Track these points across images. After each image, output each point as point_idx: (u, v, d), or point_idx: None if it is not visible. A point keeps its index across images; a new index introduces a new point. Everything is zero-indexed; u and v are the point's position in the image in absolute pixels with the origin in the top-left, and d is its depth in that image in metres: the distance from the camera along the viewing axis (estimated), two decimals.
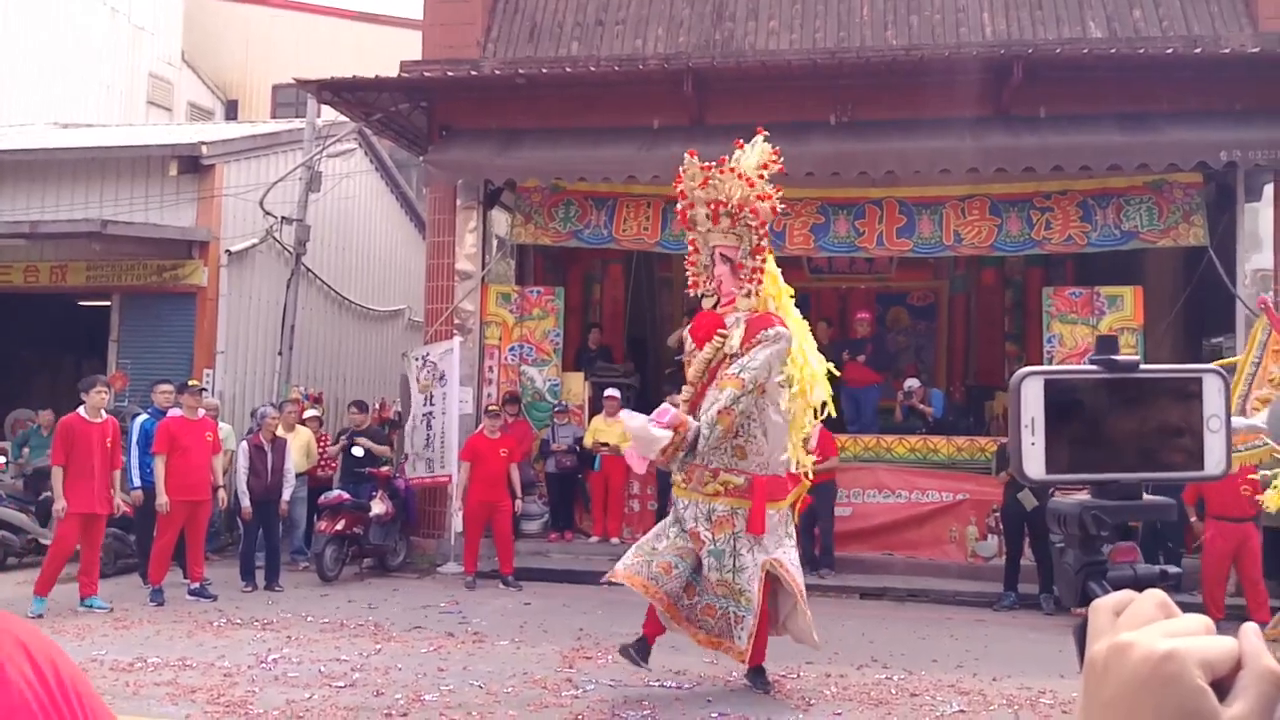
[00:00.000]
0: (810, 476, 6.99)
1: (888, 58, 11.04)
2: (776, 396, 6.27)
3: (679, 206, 6.41)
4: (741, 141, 6.45)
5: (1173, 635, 0.69)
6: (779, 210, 6.42)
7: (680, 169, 6.34)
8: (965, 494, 11.14)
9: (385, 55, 14.80)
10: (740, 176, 6.18)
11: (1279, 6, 10.99)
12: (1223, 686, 0.66)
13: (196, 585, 9.56)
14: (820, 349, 12.76)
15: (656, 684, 6.69)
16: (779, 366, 6.22)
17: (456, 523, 11.00)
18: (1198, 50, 10.76)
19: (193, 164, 13.58)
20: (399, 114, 12.40)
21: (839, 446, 11.23)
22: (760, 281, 6.35)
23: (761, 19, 12.03)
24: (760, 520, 6.17)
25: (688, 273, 6.53)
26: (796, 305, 6.98)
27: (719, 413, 6.02)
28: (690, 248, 6.47)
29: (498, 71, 11.82)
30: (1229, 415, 0.91)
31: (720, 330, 6.24)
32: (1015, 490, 9.64)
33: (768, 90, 11.30)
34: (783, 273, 6.82)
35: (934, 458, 11.56)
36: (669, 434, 5.98)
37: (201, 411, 9.90)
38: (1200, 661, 0.66)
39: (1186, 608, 0.72)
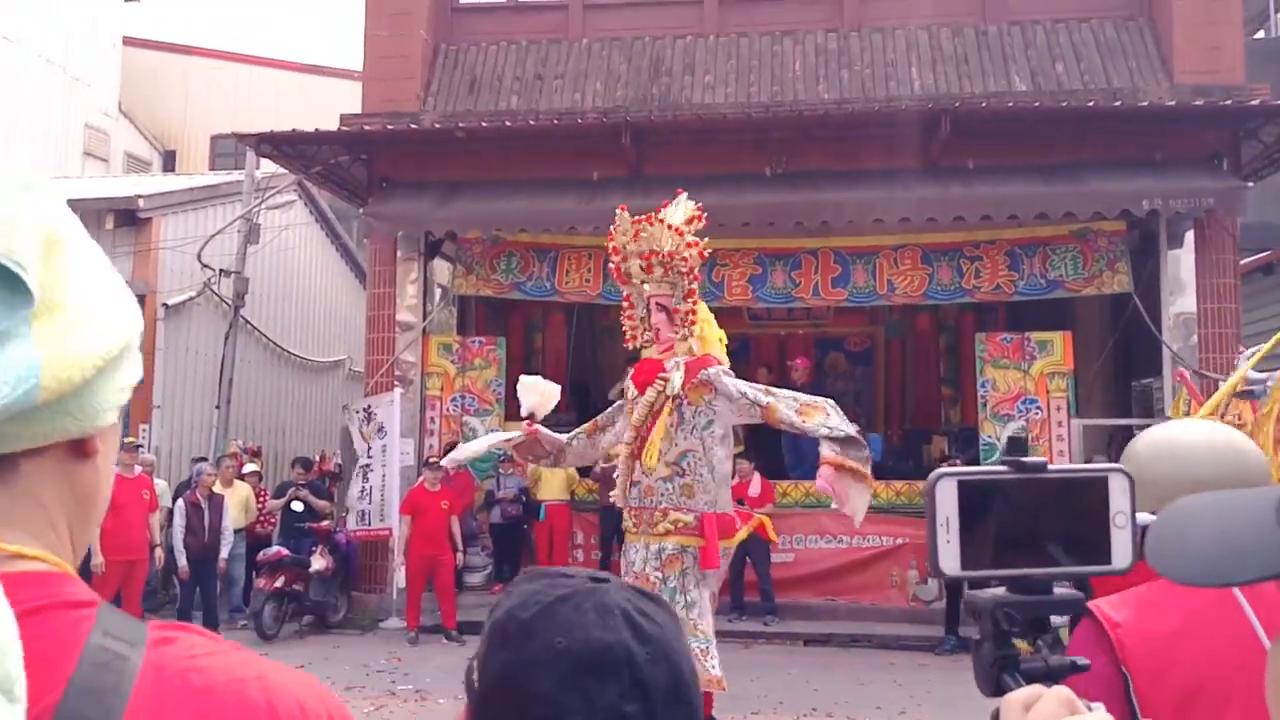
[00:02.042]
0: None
1: (820, 111, 11.30)
2: (722, 436, 6.37)
3: (612, 262, 6.53)
4: (683, 189, 6.61)
5: None
6: (707, 255, 6.54)
7: (612, 226, 6.47)
8: (905, 538, 11.27)
9: (325, 105, 14.82)
10: (670, 227, 6.33)
11: (1192, 61, 11.43)
12: None
13: None
14: None
15: None
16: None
17: (398, 577, 10.89)
18: (1117, 103, 11.14)
19: (129, 217, 13.43)
20: (339, 166, 12.40)
21: (780, 492, 11.35)
22: (693, 323, 6.43)
23: (697, 74, 12.26)
24: (714, 555, 6.24)
25: (624, 327, 6.61)
26: (735, 352, 7.11)
27: (810, 407, 6.09)
28: (625, 303, 6.58)
29: (438, 125, 11.89)
30: (1134, 512, 0.97)
31: (661, 374, 6.33)
32: None
33: (704, 143, 11.50)
34: (722, 320, 6.94)
35: (873, 502, 11.57)
36: (864, 477, 5.98)
37: (138, 469, 9.75)
38: None
39: None
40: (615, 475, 6.54)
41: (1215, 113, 10.90)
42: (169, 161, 22.01)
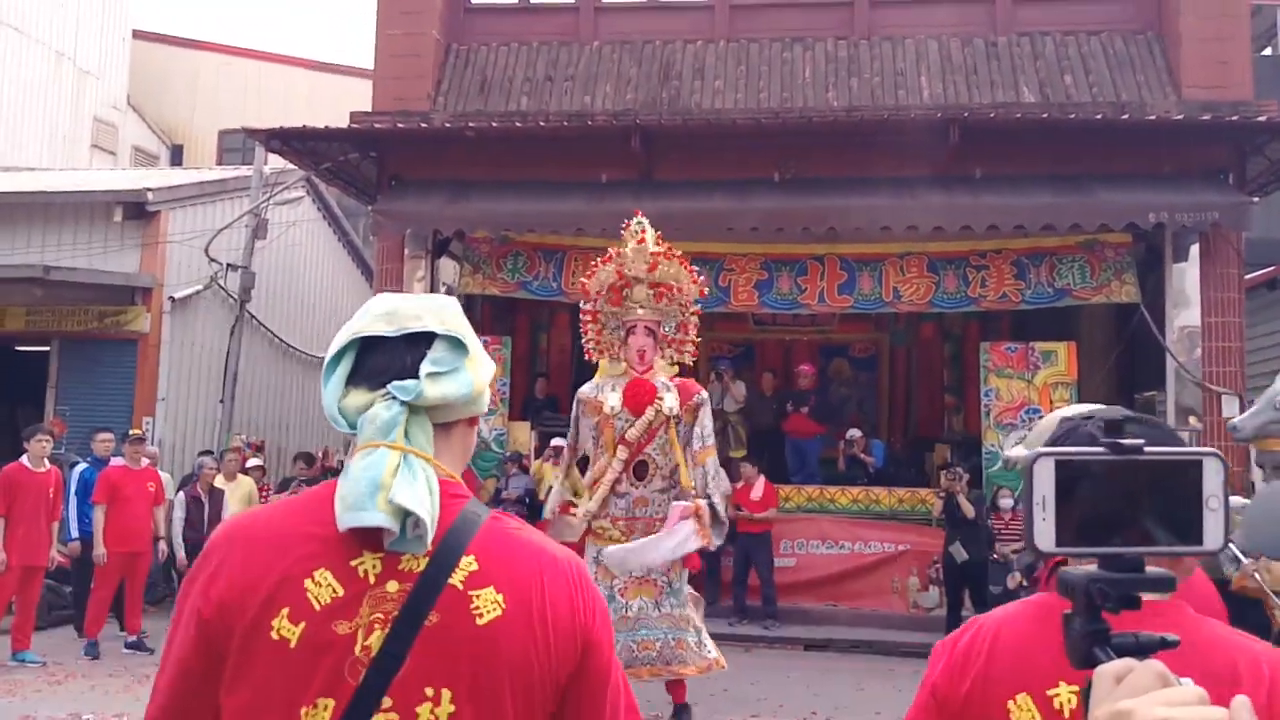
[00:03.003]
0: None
1: (829, 118, 11.33)
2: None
3: (612, 283, 6.89)
4: (645, 231, 6.95)
5: (1169, 705, 0.77)
6: (707, 293, 7.02)
7: (620, 250, 6.83)
8: (907, 545, 11.29)
9: (334, 102, 14.85)
10: (686, 267, 6.86)
11: (1201, 76, 11.45)
12: None
13: (133, 638, 9.36)
14: (765, 400, 13.11)
15: None
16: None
17: None
18: (1125, 116, 11.17)
19: (138, 210, 13.48)
20: (348, 164, 12.43)
21: (782, 497, 11.38)
22: (695, 352, 7.07)
23: (708, 78, 12.29)
24: (696, 557, 7.04)
25: (585, 342, 7.08)
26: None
27: (716, 480, 6.96)
28: (588, 318, 7.03)
29: (448, 124, 11.92)
30: (1227, 495, 1.00)
31: (657, 396, 6.84)
32: (948, 543, 9.91)
33: (713, 147, 11.54)
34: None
35: (876, 508, 11.71)
36: (696, 537, 6.59)
37: (145, 461, 9.79)
38: None
39: None
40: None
41: (1222, 128, 10.92)
42: (176, 156, 22.03)
